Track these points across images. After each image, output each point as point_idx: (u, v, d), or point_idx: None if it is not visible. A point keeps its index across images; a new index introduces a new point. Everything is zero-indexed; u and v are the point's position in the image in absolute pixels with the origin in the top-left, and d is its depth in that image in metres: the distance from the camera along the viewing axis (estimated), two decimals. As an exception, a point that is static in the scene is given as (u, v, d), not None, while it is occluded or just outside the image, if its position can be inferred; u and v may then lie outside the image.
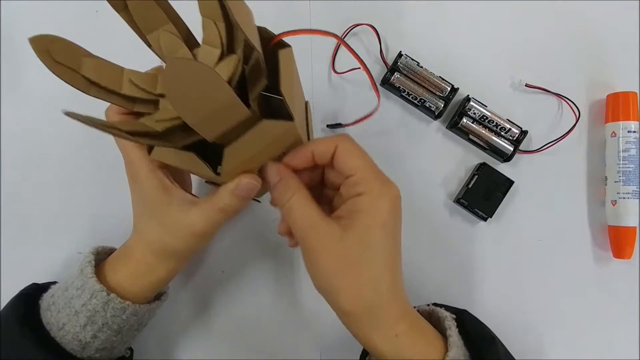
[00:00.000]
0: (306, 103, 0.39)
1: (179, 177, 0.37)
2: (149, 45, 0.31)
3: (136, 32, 0.31)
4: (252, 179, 0.32)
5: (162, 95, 0.31)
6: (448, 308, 0.35)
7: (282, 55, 0.31)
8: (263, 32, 0.31)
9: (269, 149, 0.31)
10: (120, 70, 0.30)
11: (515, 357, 0.47)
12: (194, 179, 0.42)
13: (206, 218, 0.33)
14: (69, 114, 0.24)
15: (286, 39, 0.31)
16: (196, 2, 0.29)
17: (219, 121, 0.27)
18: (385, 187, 0.31)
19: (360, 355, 0.37)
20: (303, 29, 0.31)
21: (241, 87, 0.29)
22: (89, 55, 0.30)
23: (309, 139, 0.37)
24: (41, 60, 0.27)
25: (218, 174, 0.30)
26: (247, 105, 0.28)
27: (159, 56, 0.31)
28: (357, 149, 0.32)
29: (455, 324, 0.33)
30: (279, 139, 0.30)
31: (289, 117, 0.29)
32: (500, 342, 0.35)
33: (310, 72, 0.49)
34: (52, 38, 0.27)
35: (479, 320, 0.36)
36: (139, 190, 0.35)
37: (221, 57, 0.29)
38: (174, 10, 0.31)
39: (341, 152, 0.32)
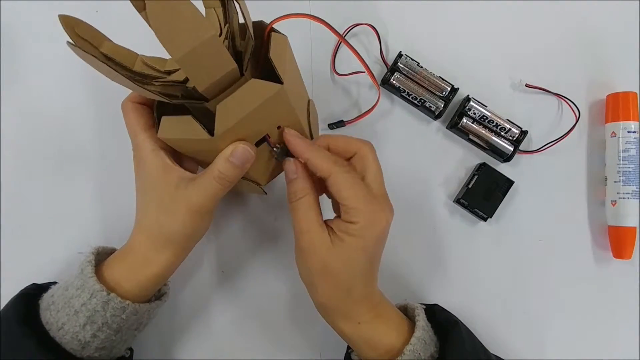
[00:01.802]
0: (309, 101, 0.39)
1: (181, 162, 0.38)
2: None
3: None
4: (248, 146, 0.33)
5: (168, 72, 0.35)
6: (422, 304, 0.40)
7: (274, 37, 0.34)
8: (260, 26, 0.34)
9: (261, 116, 0.32)
10: (134, 54, 0.35)
11: (516, 357, 0.47)
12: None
13: (202, 190, 0.34)
14: (70, 46, 0.27)
15: (286, 33, 0.35)
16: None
17: (205, 65, 0.29)
18: (376, 217, 0.34)
19: (345, 353, 0.41)
20: (295, 13, 0.34)
21: (239, 61, 0.32)
22: (109, 40, 0.33)
23: (312, 137, 0.38)
24: (66, 32, 0.30)
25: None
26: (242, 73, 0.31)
27: None
28: (352, 181, 0.34)
29: (424, 311, 0.38)
30: (270, 103, 0.31)
31: (279, 82, 0.31)
32: (464, 324, 0.39)
33: (310, 72, 0.49)
34: (79, 20, 0.31)
35: (446, 310, 0.41)
36: (143, 173, 0.36)
37: (220, 36, 0.32)
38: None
39: (334, 182, 0.34)
